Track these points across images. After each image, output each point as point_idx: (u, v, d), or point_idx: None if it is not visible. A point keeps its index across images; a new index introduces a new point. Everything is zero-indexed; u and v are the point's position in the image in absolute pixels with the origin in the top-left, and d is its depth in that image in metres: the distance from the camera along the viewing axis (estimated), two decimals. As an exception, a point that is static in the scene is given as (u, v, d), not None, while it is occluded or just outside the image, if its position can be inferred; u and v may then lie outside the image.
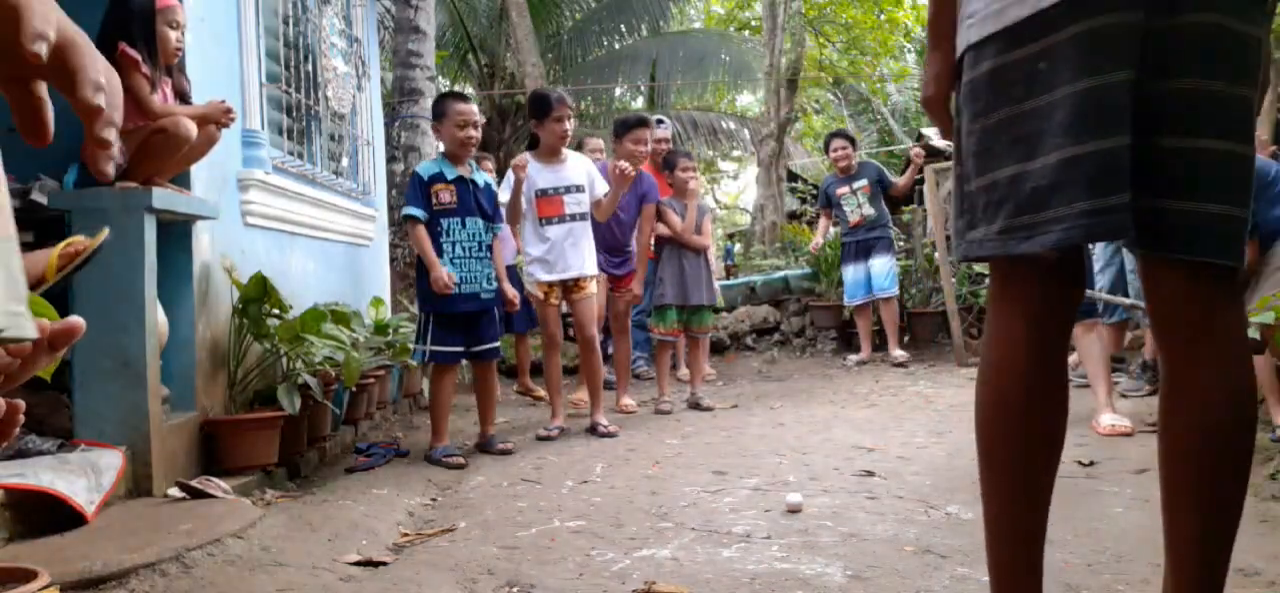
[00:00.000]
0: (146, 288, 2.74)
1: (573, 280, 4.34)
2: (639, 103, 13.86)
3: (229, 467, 3.06)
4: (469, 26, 12.14)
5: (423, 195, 3.83)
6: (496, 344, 4.02)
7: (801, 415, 4.65)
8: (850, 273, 6.80)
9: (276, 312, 3.30)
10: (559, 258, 4.32)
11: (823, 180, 7.49)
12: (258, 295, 3.24)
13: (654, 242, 5.17)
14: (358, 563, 2.25)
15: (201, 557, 2.12)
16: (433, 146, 6.87)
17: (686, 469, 3.40)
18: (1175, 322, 1.30)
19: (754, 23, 16.18)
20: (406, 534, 2.62)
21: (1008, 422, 1.34)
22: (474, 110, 3.99)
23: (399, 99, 6.76)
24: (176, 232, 3.06)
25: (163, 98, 2.95)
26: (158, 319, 2.84)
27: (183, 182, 3.09)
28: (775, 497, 2.87)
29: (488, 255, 3.92)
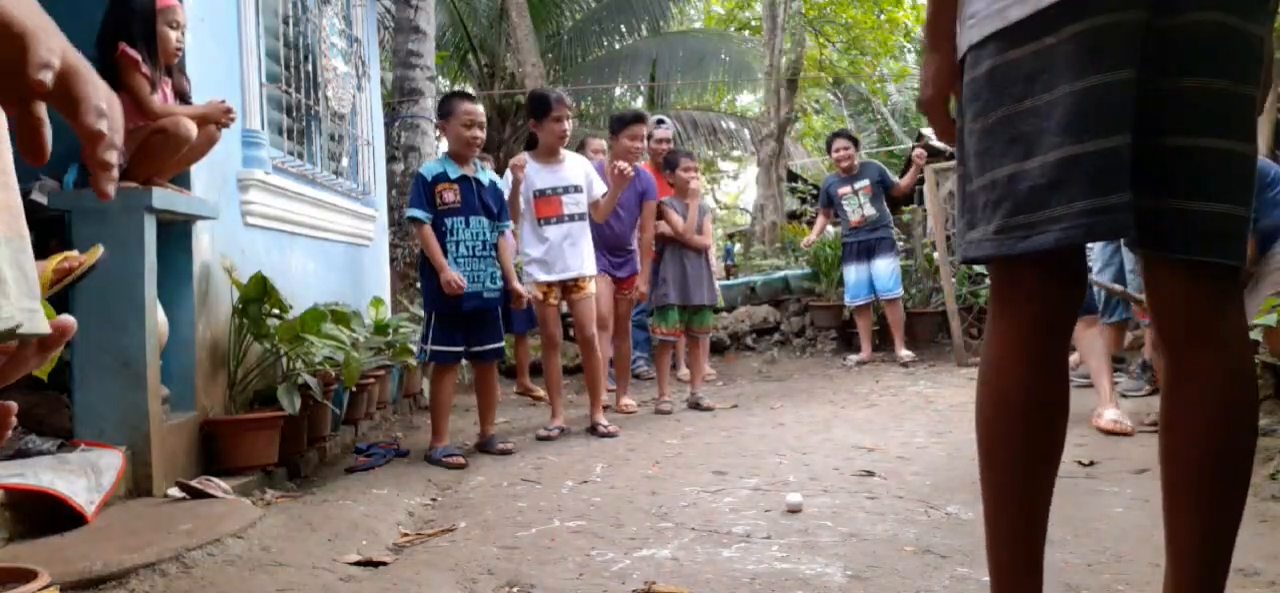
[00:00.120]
0: (146, 288, 2.74)
1: (572, 280, 4.34)
2: (639, 103, 13.86)
3: (229, 467, 3.06)
4: (469, 26, 12.14)
5: (427, 196, 3.83)
6: (499, 344, 4.01)
7: (801, 416, 4.65)
8: (852, 273, 6.80)
9: (276, 312, 3.30)
10: (558, 258, 4.32)
11: (824, 179, 7.50)
12: (258, 295, 3.24)
13: (655, 241, 5.17)
14: (358, 563, 2.25)
15: (201, 557, 2.12)
16: (433, 146, 6.87)
17: (686, 469, 3.40)
18: (1176, 321, 1.29)
19: (754, 23, 16.18)
20: (406, 534, 2.62)
21: (1008, 422, 1.34)
22: (480, 111, 4.00)
23: (399, 99, 6.76)
24: (176, 232, 3.06)
25: (163, 98, 2.95)
26: (158, 319, 2.84)
27: (183, 182, 3.09)
28: (775, 497, 2.87)
29: (492, 254, 3.92)
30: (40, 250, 2.32)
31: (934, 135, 1.59)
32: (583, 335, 4.40)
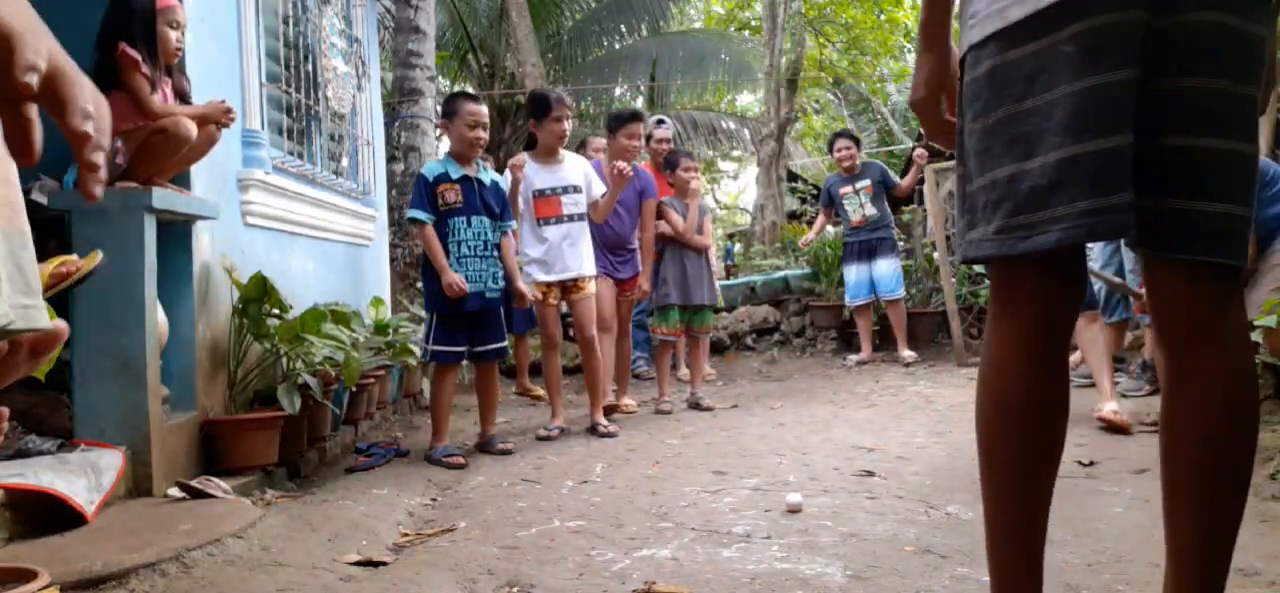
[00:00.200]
0: (146, 288, 2.74)
1: (571, 281, 4.34)
2: (639, 103, 13.86)
3: (229, 467, 3.06)
4: (469, 26, 12.14)
5: (428, 197, 3.84)
6: (502, 344, 4.01)
7: (801, 416, 4.65)
8: (853, 273, 6.80)
9: (276, 312, 3.30)
10: (557, 258, 4.32)
11: (826, 179, 7.49)
12: (258, 295, 3.24)
13: (655, 241, 5.15)
14: (358, 563, 2.25)
15: (201, 557, 2.12)
16: (433, 146, 6.87)
17: (686, 469, 3.40)
18: (1177, 321, 1.29)
19: (754, 23, 16.18)
20: (406, 534, 2.62)
21: (1008, 422, 1.34)
22: (484, 111, 4.00)
23: (399, 99, 6.75)
24: (176, 232, 3.06)
25: (163, 98, 2.94)
26: (158, 319, 2.84)
27: (183, 182, 3.09)
28: (775, 497, 2.87)
29: (494, 254, 3.92)
30: (40, 251, 2.31)
31: (927, 136, 1.59)
32: (582, 336, 4.40)
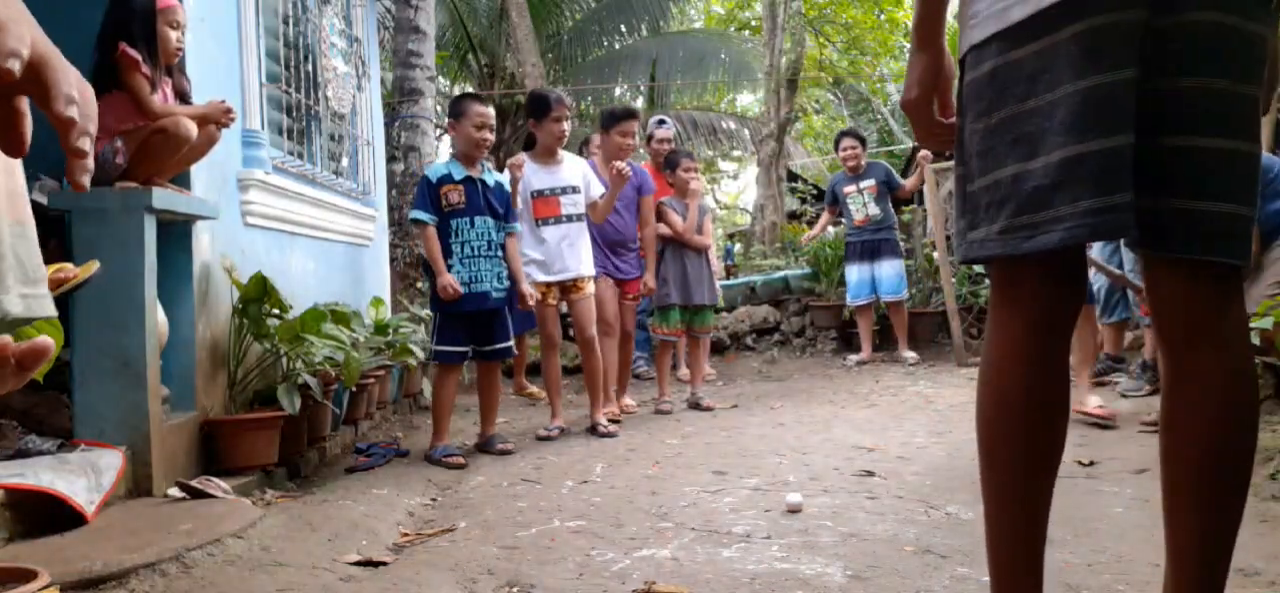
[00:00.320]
0: (146, 288, 2.74)
1: (570, 281, 4.34)
2: (639, 103, 13.86)
3: (229, 467, 3.06)
4: (469, 26, 12.14)
5: (431, 198, 3.84)
6: (507, 344, 4.02)
7: (801, 416, 4.65)
8: (854, 273, 6.80)
9: (276, 312, 3.30)
10: (556, 259, 4.31)
11: (831, 177, 7.49)
12: (258, 295, 3.24)
13: (656, 240, 5.13)
14: (358, 563, 2.25)
15: (201, 557, 2.12)
16: (433, 146, 6.87)
17: (686, 469, 3.40)
18: (1177, 321, 1.29)
19: (754, 23, 16.18)
20: (406, 534, 2.62)
21: (1009, 422, 1.34)
22: (491, 113, 4.00)
23: (399, 99, 6.76)
24: (176, 232, 3.06)
25: (163, 98, 2.94)
26: (158, 319, 2.84)
27: (183, 182, 3.09)
28: (775, 497, 2.87)
29: (498, 255, 3.92)
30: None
31: (914, 137, 1.58)
32: (582, 336, 4.40)
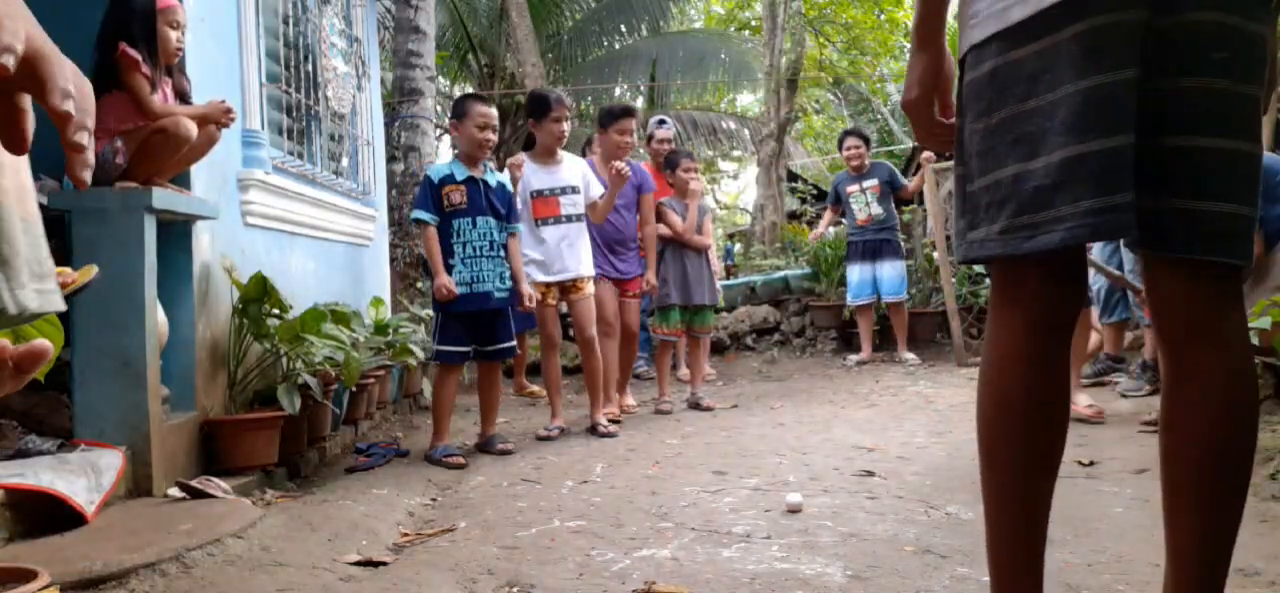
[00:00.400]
0: (146, 288, 2.74)
1: (570, 282, 4.34)
2: (639, 103, 13.86)
3: (229, 467, 3.06)
4: (469, 26, 12.14)
5: (433, 198, 3.84)
6: (510, 344, 4.01)
7: (801, 416, 4.65)
8: (856, 272, 6.79)
9: (276, 312, 3.30)
10: (556, 259, 4.31)
11: (835, 176, 7.49)
12: (258, 295, 3.24)
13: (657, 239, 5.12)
14: (358, 563, 2.25)
15: (201, 557, 2.12)
16: (433, 146, 6.87)
17: (686, 469, 3.40)
18: (1177, 321, 1.29)
19: (754, 23, 16.18)
20: (406, 534, 2.62)
21: (1009, 422, 1.34)
22: (494, 114, 4.00)
23: (399, 99, 6.75)
24: (176, 232, 3.06)
25: (163, 98, 2.94)
26: (158, 319, 2.84)
27: (183, 182, 3.09)
28: (775, 497, 2.87)
29: (500, 255, 3.92)
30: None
31: (915, 137, 1.57)
32: (582, 336, 4.40)
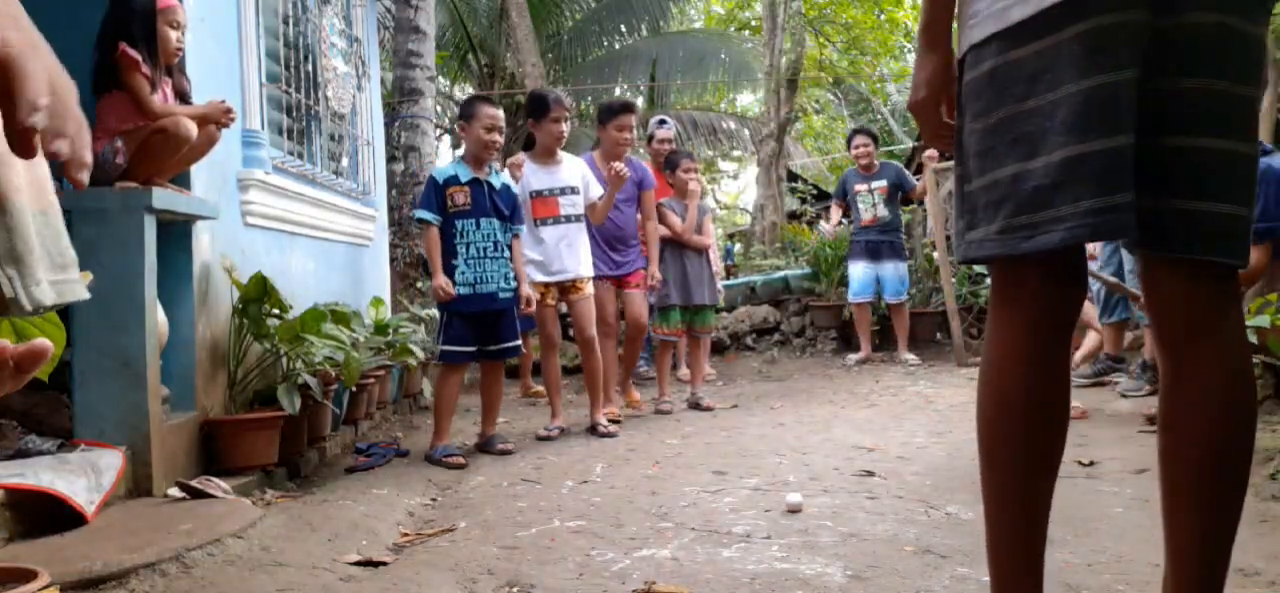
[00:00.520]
0: (146, 288, 2.74)
1: (569, 282, 4.34)
2: (639, 103, 13.85)
3: (229, 467, 3.06)
4: (469, 26, 12.14)
5: (437, 199, 3.85)
6: (514, 343, 4.02)
7: (801, 415, 4.65)
8: (857, 271, 6.79)
9: (276, 312, 3.30)
10: (555, 260, 4.31)
11: (844, 173, 7.49)
12: (258, 295, 3.24)
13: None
14: (358, 563, 2.25)
15: (201, 557, 2.12)
16: (433, 146, 6.87)
17: (686, 469, 3.40)
18: (1175, 321, 1.29)
19: (754, 23, 16.17)
20: (406, 534, 2.62)
21: (1009, 422, 1.34)
22: (501, 115, 4.00)
23: (399, 99, 6.76)
24: (176, 232, 3.06)
25: (163, 98, 2.94)
26: (158, 319, 2.84)
27: (183, 182, 3.09)
28: (775, 497, 2.87)
29: (504, 256, 3.93)
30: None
31: (921, 138, 1.57)
32: (582, 336, 4.40)
